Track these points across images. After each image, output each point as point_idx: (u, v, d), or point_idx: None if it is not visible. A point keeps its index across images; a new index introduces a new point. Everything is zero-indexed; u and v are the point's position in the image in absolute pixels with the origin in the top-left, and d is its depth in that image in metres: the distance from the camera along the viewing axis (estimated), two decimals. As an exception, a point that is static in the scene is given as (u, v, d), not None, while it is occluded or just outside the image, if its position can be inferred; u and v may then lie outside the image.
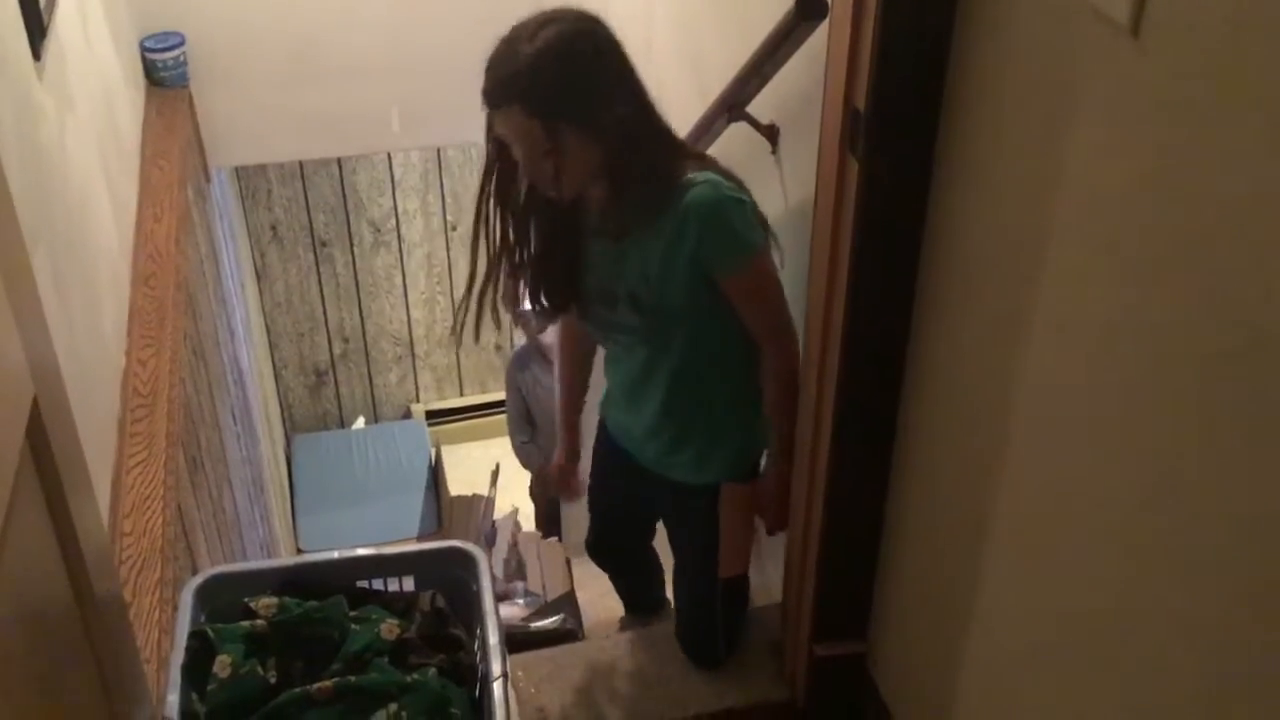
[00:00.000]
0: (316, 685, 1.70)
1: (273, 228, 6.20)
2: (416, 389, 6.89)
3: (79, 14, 2.73)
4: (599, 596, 2.68)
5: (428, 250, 6.52)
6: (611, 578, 2.37)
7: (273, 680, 1.73)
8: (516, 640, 2.04)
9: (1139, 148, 1.05)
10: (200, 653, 1.75)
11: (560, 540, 4.11)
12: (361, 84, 4.08)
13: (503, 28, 1.66)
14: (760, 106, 1.91)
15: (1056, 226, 1.18)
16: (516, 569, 3.15)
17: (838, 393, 1.60)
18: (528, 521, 4.78)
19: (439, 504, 6.37)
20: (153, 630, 1.99)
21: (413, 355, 6.80)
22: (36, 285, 1.26)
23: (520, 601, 2.97)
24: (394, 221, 6.39)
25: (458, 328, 1.83)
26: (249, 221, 6.11)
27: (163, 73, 3.81)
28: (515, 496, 5.19)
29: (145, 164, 3.35)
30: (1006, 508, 1.35)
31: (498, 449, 6.72)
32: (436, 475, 6.52)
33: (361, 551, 1.91)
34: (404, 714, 1.66)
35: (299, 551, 5.89)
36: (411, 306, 6.66)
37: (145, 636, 1.96)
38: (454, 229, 6.47)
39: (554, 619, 2.24)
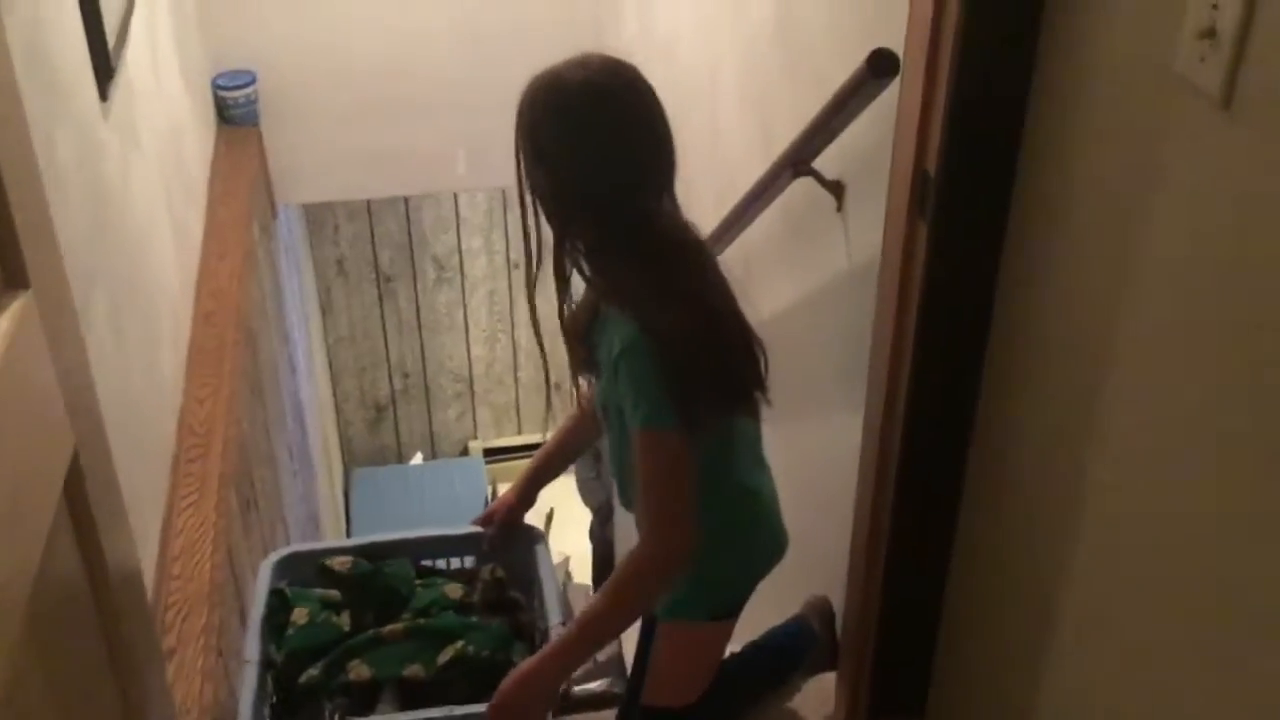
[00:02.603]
0: (387, 628, 1.83)
1: (338, 262, 6.25)
2: (475, 426, 6.89)
3: (150, 53, 2.76)
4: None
5: (490, 288, 6.54)
6: None
7: (346, 629, 1.86)
8: (560, 705, 1.98)
9: (1225, 226, 0.98)
10: (279, 609, 1.89)
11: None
12: (428, 123, 4.11)
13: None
14: (826, 161, 1.87)
15: (1134, 306, 1.12)
16: (564, 621, 3.08)
17: (900, 461, 1.53)
18: (579, 572, 4.71)
19: (494, 542, 6.34)
20: (195, 678, 1.96)
21: (472, 392, 6.81)
22: (81, 334, 1.25)
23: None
24: (458, 258, 6.41)
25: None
26: (315, 256, 6.17)
27: (233, 110, 3.85)
28: (567, 542, 5.14)
29: (212, 201, 3.38)
30: (1074, 597, 1.27)
31: (554, 489, 6.68)
32: (492, 511, 6.49)
33: (427, 532, 2.04)
34: (470, 649, 1.78)
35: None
36: (472, 343, 6.67)
37: (187, 687, 1.94)
38: (517, 267, 6.48)
39: (600, 682, 2.17)
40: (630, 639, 2.29)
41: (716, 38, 2.73)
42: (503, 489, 6.87)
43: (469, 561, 2.02)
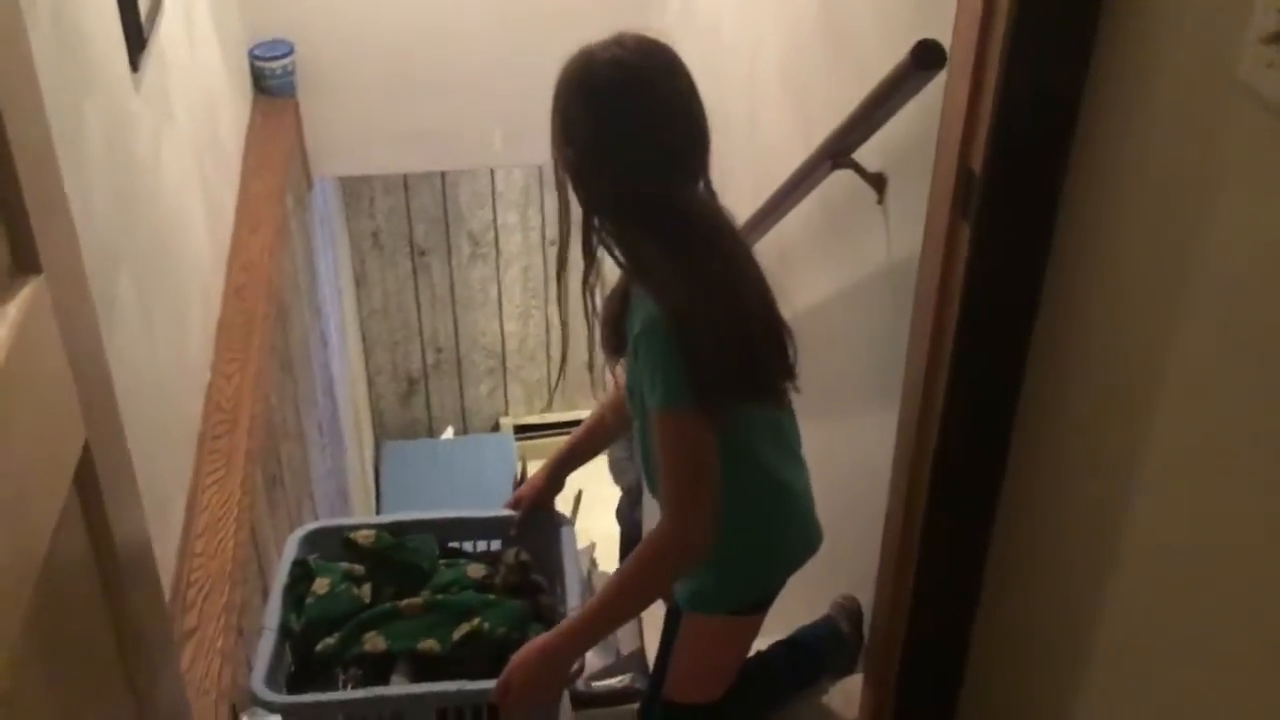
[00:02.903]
0: (405, 602, 1.83)
1: (374, 235, 6.24)
2: (506, 402, 6.88)
3: (185, 23, 2.73)
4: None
5: (525, 264, 6.51)
6: None
7: (366, 601, 1.85)
8: (580, 699, 1.94)
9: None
10: (301, 579, 1.87)
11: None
12: (466, 99, 4.07)
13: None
14: (867, 153, 1.81)
15: (1186, 319, 1.06)
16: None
17: (935, 463, 1.48)
18: (605, 559, 4.67)
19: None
20: (214, 659, 1.95)
21: (504, 368, 6.79)
22: (97, 320, 1.22)
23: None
24: (493, 234, 6.39)
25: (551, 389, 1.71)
26: (351, 228, 6.16)
27: (270, 81, 3.83)
28: (595, 526, 5.12)
29: (246, 173, 3.36)
30: (1112, 611, 1.22)
31: (583, 469, 6.67)
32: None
33: (454, 513, 2.02)
34: (486, 625, 1.77)
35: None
36: (505, 319, 6.65)
37: (206, 665, 1.93)
38: (552, 244, 6.44)
39: (622, 678, 2.14)
40: (654, 631, 2.26)
41: (759, 21, 2.67)
42: (533, 466, 6.88)
43: (495, 545, 2.02)
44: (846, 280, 2.04)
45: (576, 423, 7.11)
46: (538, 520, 1.97)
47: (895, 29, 1.75)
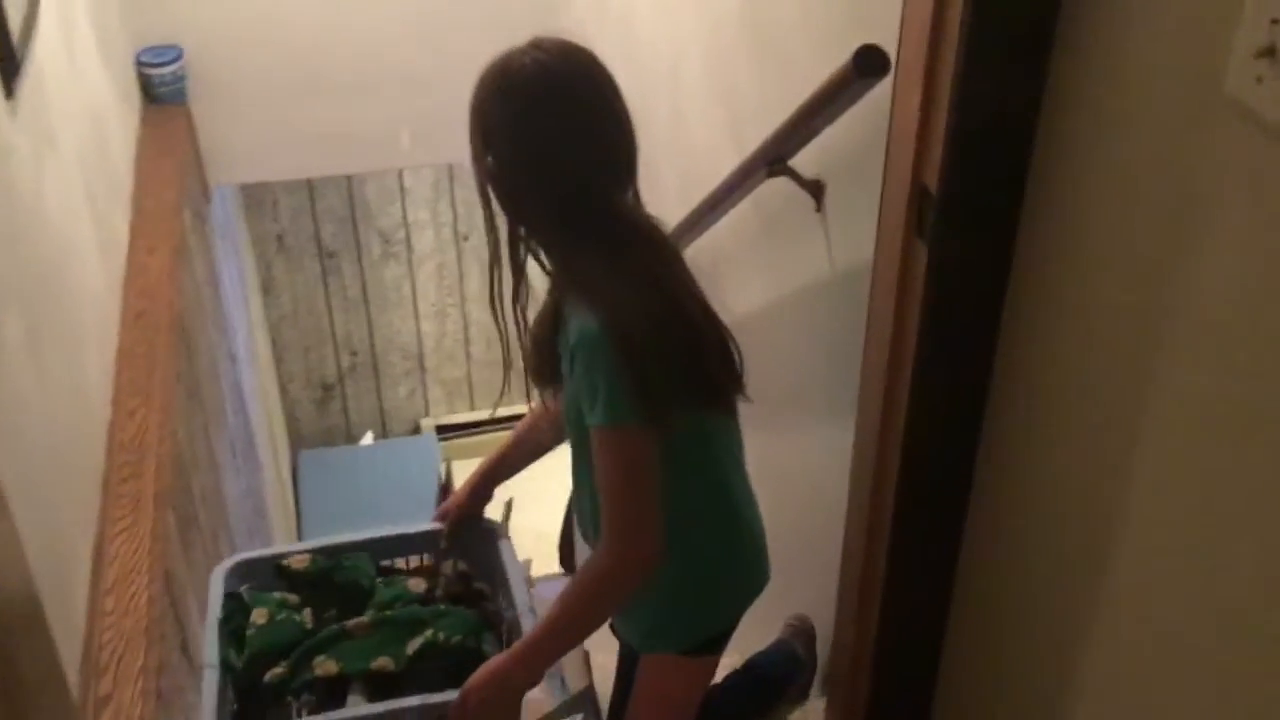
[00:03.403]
0: (353, 622, 1.77)
1: (279, 238, 6.04)
2: (426, 403, 6.72)
3: (63, 35, 2.55)
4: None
5: (439, 261, 6.35)
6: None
7: (309, 626, 1.79)
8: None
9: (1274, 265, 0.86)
10: (236, 612, 1.81)
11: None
12: (370, 98, 3.91)
13: (515, 39, 1.47)
14: (802, 157, 1.73)
15: (1164, 334, 1.00)
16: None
17: (899, 483, 1.41)
18: (542, 567, 4.53)
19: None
20: (133, 728, 1.81)
21: (422, 369, 6.63)
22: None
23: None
24: (404, 232, 6.22)
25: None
26: (253, 232, 5.95)
27: (160, 88, 3.64)
28: (529, 526, 5.01)
29: (139, 190, 3.18)
30: (1083, 652, 1.16)
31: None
32: (447, 493, 6.35)
33: (383, 531, 1.95)
34: (440, 635, 1.72)
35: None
36: (421, 319, 6.49)
37: (124, 737, 1.79)
38: (466, 239, 6.29)
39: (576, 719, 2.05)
40: (604, 657, 2.18)
41: (679, 18, 2.57)
42: (457, 467, 6.71)
43: (429, 558, 1.96)
44: (785, 289, 1.96)
45: (500, 420, 6.90)
46: (470, 530, 1.91)
47: (823, 29, 1.68)
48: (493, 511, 1.96)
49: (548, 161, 1.43)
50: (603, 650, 2.93)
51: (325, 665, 1.72)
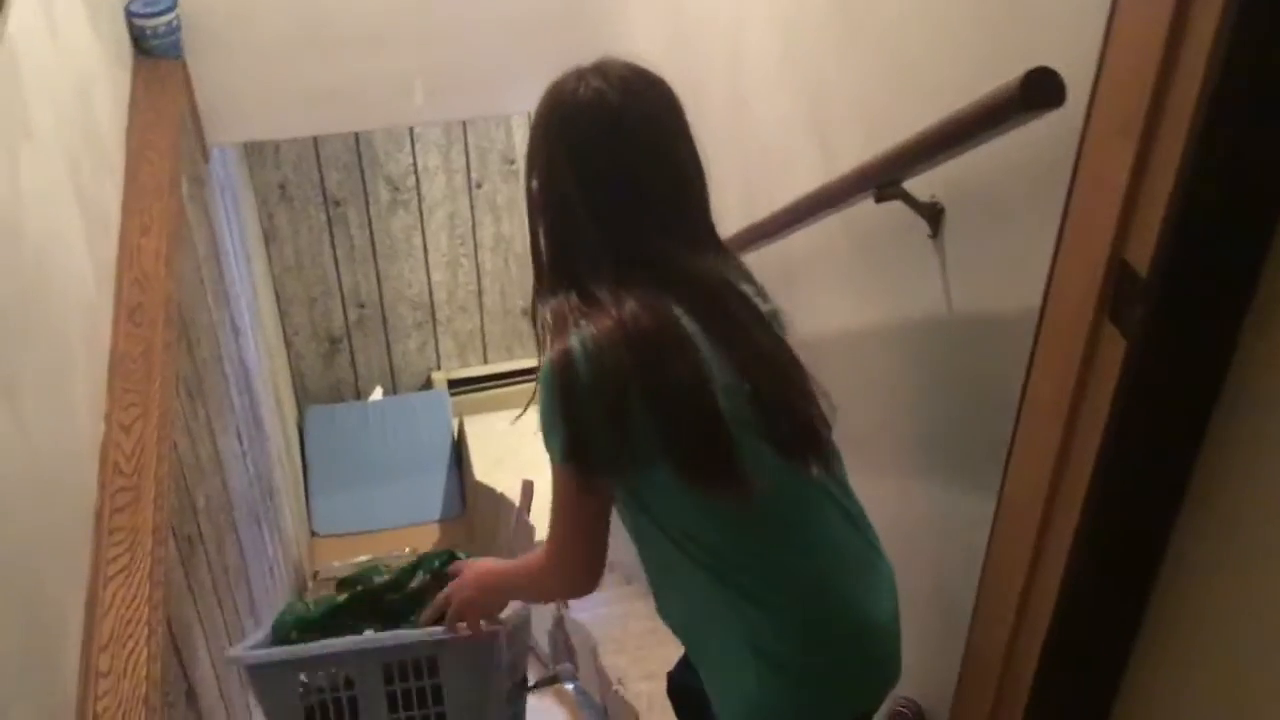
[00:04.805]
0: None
1: (281, 186, 5.73)
2: (438, 356, 6.45)
3: (41, 3, 2.25)
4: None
5: (450, 210, 6.04)
6: None
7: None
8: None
9: None
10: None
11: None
12: (379, 50, 3.59)
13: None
14: (917, 177, 1.45)
15: None
16: (563, 649, 2.74)
17: (1041, 656, 1.16)
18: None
19: (462, 483, 5.99)
20: (132, 825, 1.59)
21: (433, 321, 6.35)
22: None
23: (569, 686, 2.56)
24: (413, 179, 5.90)
25: None
26: (255, 181, 5.64)
27: (153, 41, 3.32)
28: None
29: (131, 158, 2.88)
30: None
31: (524, 420, 6.30)
32: (460, 450, 6.12)
33: (387, 640, 1.79)
34: (436, 564, 1.87)
35: (313, 535, 5.55)
36: (432, 269, 6.20)
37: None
38: (479, 187, 5.98)
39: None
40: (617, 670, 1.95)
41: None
42: (470, 423, 6.48)
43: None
44: (882, 321, 1.68)
45: (513, 373, 6.69)
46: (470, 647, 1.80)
47: (945, 18, 1.39)
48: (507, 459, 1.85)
49: (570, 200, 1.34)
50: (610, 652, 2.74)
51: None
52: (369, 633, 1.82)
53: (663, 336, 1.28)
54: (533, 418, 1.39)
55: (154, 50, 3.33)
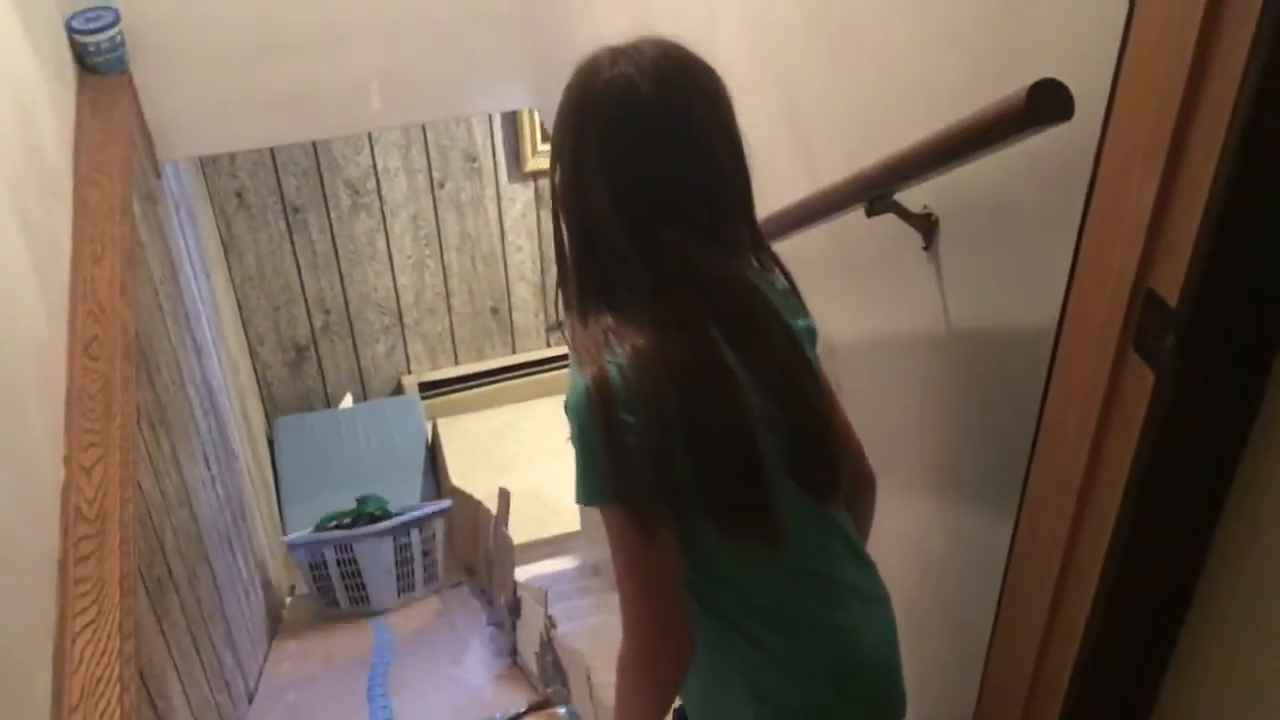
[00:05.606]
0: None
1: (238, 195, 5.60)
2: (407, 360, 6.34)
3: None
4: None
5: (413, 211, 5.93)
6: None
7: None
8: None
9: None
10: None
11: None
12: (334, 56, 3.49)
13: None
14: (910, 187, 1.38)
15: None
16: (554, 670, 2.66)
17: (1075, 668, 1.10)
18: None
19: (438, 486, 5.90)
20: None
21: (401, 324, 6.24)
22: None
23: (562, 711, 2.48)
24: (374, 181, 5.78)
25: None
26: (211, 190, 5.51)
27: (96, 58, 3.20)
28: (525, 503, 4.72)
29: (79, 181, 2.78)
30: None
31: (497, 420, 6.22)
32: (434, 454, 6.03)
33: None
34: None
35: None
36: (398, 272, 6.08)
37: None
38: (441, 187, 5.87)
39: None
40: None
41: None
42: (443, 426, 6.39)
43: None
44: (874, 334, 1.62)
45: (484, 374, 6.66)
46: None
47: (929, 19, 1.32)
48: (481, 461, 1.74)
49: (597, 199, 1.21)
50: (603, 669, 2.68)
51: None
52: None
53: (706, 370, 1.17)
54: (511, 413, 1.28)
55: (99, 67, 3.21)
